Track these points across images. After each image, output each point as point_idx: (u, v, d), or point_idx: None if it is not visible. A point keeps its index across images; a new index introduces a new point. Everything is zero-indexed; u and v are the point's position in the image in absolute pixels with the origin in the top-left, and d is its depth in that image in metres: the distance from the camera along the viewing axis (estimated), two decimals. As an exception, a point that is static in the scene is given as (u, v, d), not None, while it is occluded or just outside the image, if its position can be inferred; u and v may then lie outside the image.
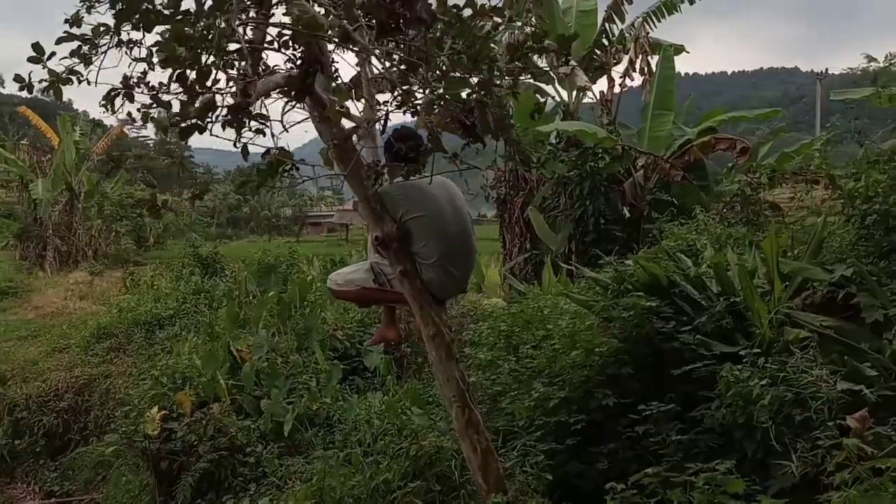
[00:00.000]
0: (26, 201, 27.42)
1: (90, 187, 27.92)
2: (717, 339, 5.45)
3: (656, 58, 13.82)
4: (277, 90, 3.59)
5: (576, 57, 13.76)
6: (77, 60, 3.67)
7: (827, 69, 52.42)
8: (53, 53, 3.63)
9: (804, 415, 4.40)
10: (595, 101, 14.27)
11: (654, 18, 15.05)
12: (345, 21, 3.17)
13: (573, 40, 3.72)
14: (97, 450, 9.18)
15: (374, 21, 3.36)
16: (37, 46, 3.58)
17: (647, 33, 14.21)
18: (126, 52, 3.66)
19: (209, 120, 3.36)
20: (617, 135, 12.56)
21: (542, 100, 15.19)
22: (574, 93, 14.64)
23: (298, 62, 3.53)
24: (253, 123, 3.43)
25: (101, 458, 8.97)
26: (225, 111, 3.24)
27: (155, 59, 3.45)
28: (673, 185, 12.32)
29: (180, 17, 3.14)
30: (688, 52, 15.76)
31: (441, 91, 3.56)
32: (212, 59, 3.17)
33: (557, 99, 15.27)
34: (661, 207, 11.87)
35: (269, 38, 3.57)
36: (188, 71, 3.25)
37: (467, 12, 3.68)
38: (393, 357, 9.07)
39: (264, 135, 3.49)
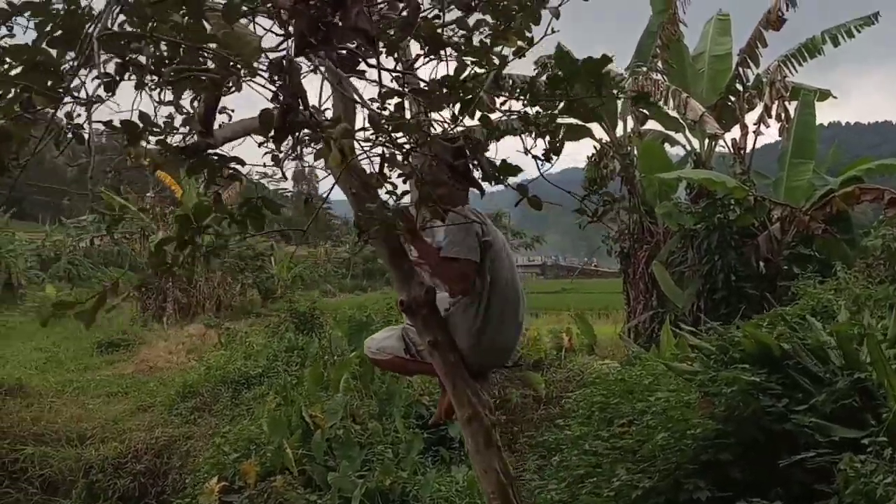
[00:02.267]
0: (147, 252, 28.47)
1: (215, 239, 28.69)
2: (840, 421, 4.73)
3: (795, 104, 13.07)
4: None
5: (707, 103, 13.18)
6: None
7: None
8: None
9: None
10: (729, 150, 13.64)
11: (793, 62, 14.28)
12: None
13: (606, 64, 3.20)
14: (168, 519, 9.05)
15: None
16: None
17: (784, 77, 13.45)
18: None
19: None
20: (750, 184, 11.85)
21: (670, 147, 14.66)
22: (706, 141, 13.99)
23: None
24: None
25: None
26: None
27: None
28: (815, 239, 11.45)
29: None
30: (835, 98, 14.86)
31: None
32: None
33: (688, 147, 14.66)
34: (801, 263, 11.05)
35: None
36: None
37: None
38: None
39: (240, 181, 3.14)
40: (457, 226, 3.99)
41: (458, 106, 3.42)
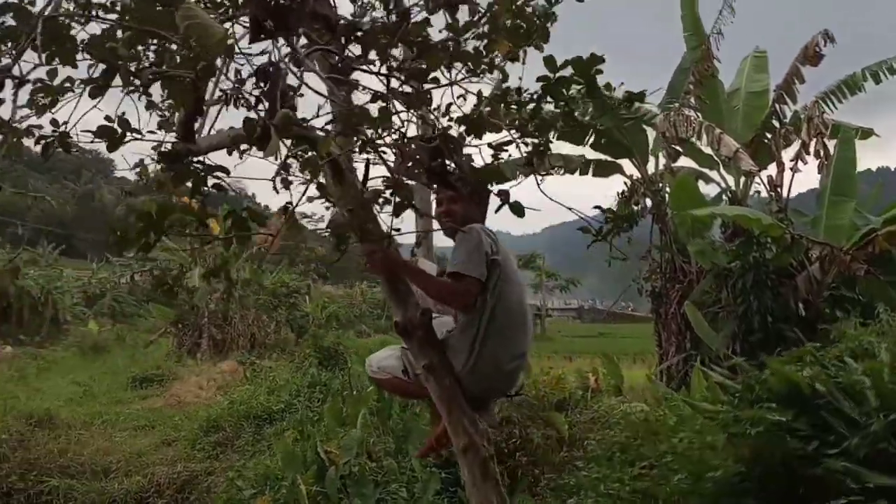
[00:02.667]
0: (184, 289, 28.55)
1: (251, 276, 28.79)
2: (875, 467, 4.38)
3: (834, 142, 12.72)
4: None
5: (742, 140, 12.89)
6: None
7: None
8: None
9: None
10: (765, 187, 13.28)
11: (832, 99, 13.97)
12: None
13: (596, 63, 2.98)
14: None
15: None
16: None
17: (822, 113, 13.11)
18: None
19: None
20: (787, 222, 11.47)
21: (705, 184, 14.37)
22: (741, 179, 13.67)
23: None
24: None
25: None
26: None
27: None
28: (857, 280, 11.03)
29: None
30: (878, 136, 14.45)
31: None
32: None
33: (723, 185, 14.34)
34: (842, 305, 10.66)
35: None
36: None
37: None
38: (505, 467, 8.27)
39: (225, 192, 2.96)
40: (466, 243, 3.83)
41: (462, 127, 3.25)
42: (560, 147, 14.42)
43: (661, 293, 13.53)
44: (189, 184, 2.87)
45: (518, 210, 3.04)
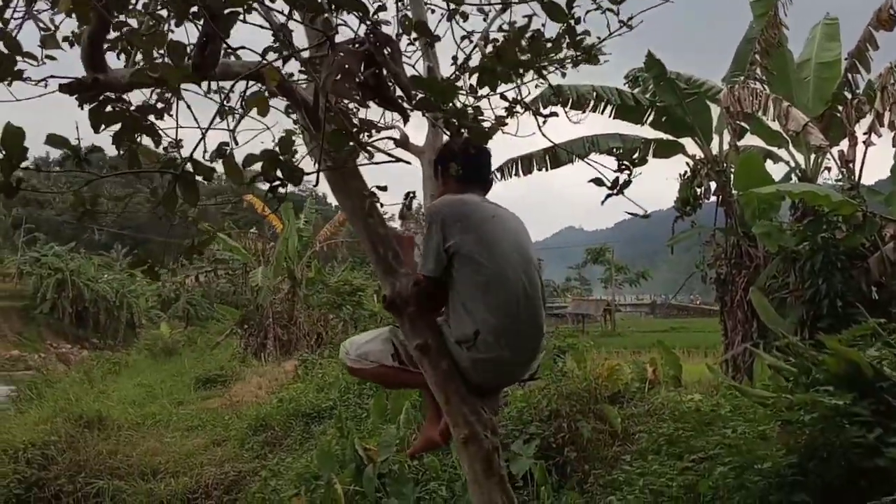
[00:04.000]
0: (248, 289, 28.66)
1: (315, 274, 28.71)
2: (946, 456, 3.84)
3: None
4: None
5: (813, 114, 12.10)
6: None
7: None
8: None
9: None
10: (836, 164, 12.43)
11: (908, 63, 13.00)
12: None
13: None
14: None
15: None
16: None
17: (898, 81, 12.21)
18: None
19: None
20: (859, 200, 10.68)
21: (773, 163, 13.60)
22: (811, 156, 12.85)
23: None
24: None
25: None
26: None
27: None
28: (936, 260, 10.22)
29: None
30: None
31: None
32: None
33: (791, 164, 13.52)
34: (922, 287, 9.91)
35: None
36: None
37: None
38: (553, 462, 7.82)
39: (159, 142, 2.54)
40: (423, 232, 3.37)
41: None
42: (616, 126, 13.84)
43: (726, 279, 12.79)
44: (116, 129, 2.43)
45: (482, 136, 2.60)
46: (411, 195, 3.45)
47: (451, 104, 2.68)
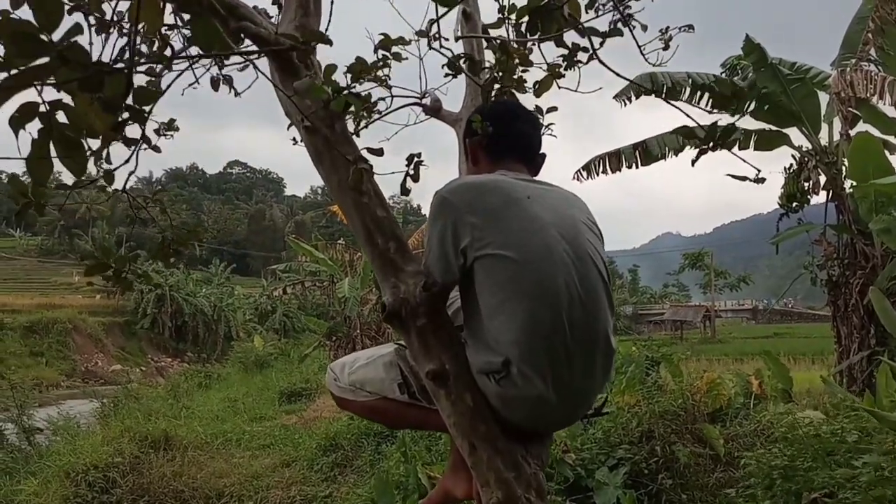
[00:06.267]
0: (336, 300, 28.30)
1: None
2: None
3: None
4: None
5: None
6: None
7: None
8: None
9: None
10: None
11: None
12: None
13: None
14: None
15: None
16: None
17: None
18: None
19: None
20: None
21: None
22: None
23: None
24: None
25: None
26: None
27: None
28: None
29: None
30: None
31: None
32: None
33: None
34: None
35: None
36: None
37: None
38: (645, 492, 6.81)
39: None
40: (429, 227, 2.44)
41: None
42: (712, 117, 12.64)
43: (838, 281, 11.48)
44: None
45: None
46: (417, 159, 2.54)
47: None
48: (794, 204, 12.08)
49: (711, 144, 2.08)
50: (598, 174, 13.12)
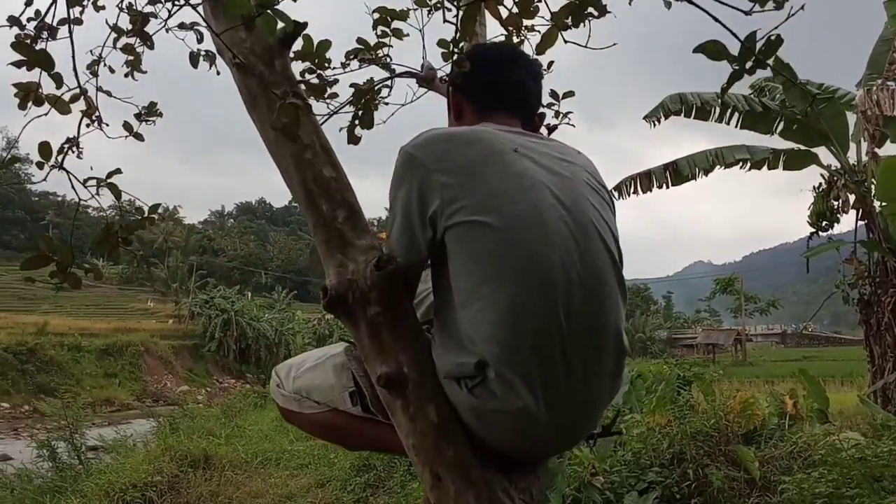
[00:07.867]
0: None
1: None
2: None
3: None
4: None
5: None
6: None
7: None
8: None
9: None
10: None
11: None
12: None
13: None
14: None
15: None
16: None
17: None
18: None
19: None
20: None
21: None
22: None
23: None
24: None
25: None
26: None
27: None
28: None
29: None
30: None
31: None
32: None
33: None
34: None
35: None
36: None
37: None
38: (677, 519, 6.13)
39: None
40: (391, 191, 1.80)
41: None
42: (742, 136, 12.07)
43: (870, 300, 10.70)
44: None
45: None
46: (368, 94, 1.97)
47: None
48: (824, 223, 11.42)
49: (748, 65, 1.47)
50: (629, 195, 12.51)
